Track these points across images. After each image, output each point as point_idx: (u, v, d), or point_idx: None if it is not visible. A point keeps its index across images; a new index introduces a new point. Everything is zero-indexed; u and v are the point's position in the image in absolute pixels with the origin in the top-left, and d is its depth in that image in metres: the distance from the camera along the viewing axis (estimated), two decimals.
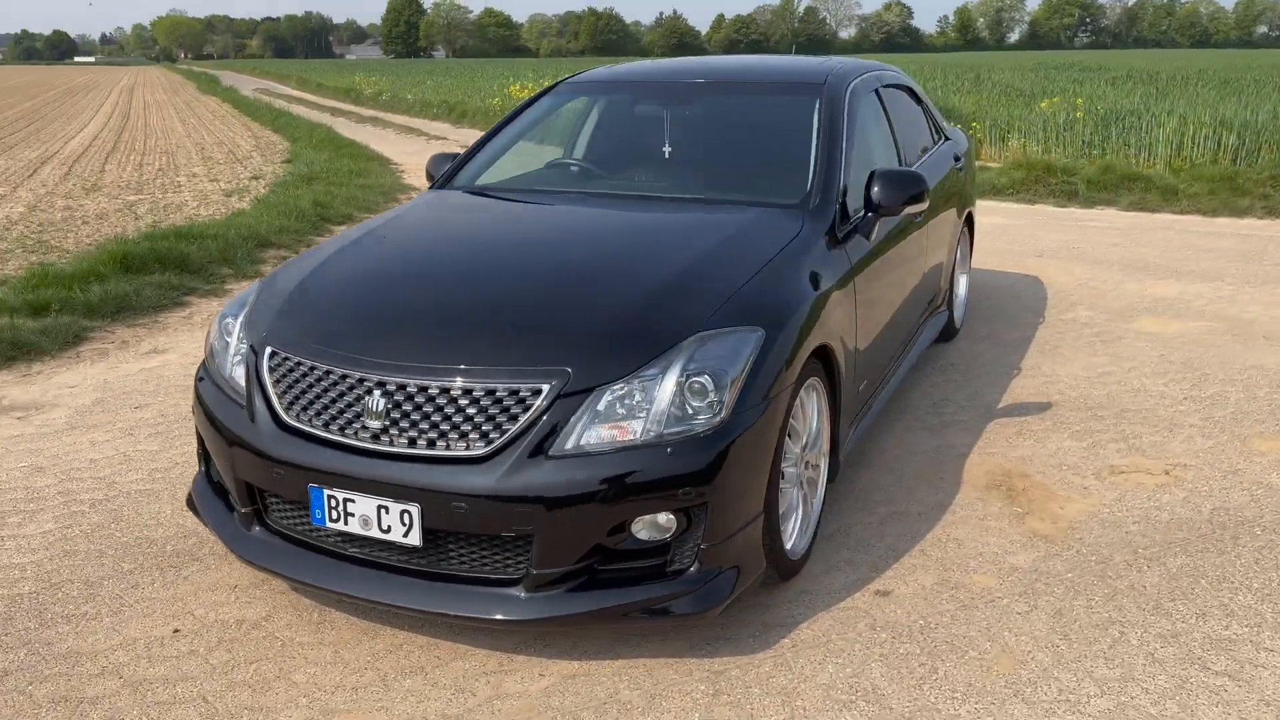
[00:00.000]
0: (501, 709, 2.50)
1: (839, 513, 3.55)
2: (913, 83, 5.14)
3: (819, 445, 3.22)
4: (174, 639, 2.80)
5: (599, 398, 2.55)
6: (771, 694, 2.56)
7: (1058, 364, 5.15)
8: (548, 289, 2.92)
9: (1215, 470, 3.87)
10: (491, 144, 4.23)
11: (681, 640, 2.78)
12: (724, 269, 2.99)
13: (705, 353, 2.64)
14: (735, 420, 2.60)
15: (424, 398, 2.59)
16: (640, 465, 2.50)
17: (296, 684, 2.60)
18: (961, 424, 4.37)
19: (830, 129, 3.75)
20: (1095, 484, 3.76)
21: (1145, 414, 4.45)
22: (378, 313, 2.90)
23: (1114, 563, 3.19)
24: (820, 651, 2.74)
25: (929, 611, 2.93)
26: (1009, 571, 3.15)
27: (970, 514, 3.54)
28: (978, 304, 6.33)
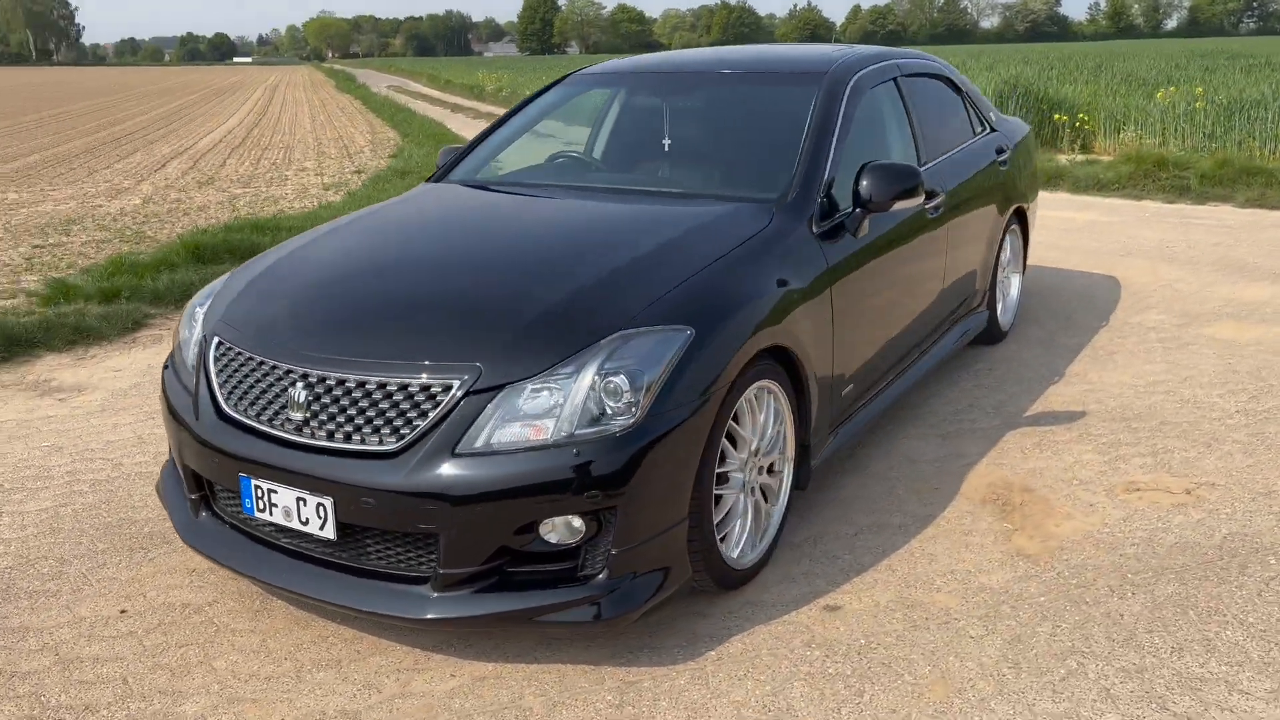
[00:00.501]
0: (400, 707, 2.48)
1: (814, 521, 3.41)
2: (952, 71, 4.89)
3: (778, 451, 3.09)
4: (119, 619, 2.88)
5: (510, 395, 2.50)
6: (678, 708, 2.46)
7: (1107, 371, 4.83)
8: (480, 284, 2.88)
9: (1245, 491, 3.55)
10: (494, 136, 4.22)
11: (604, 647, 2.71)
12: (668, 265, 2.89)
13: (625, 352, 2.56)
14: (653, 422, 2.51)
15: (342, 391, 2.60)
16: (546, 466, 2.44)
17: (215, 670, 2.64)
18: (979, 432, 4.14)
19: (822, 121, 3.59)
20: (1103, 501, 3.50)
21: (1187, 427, 4.12)
22: (313, 305, 2.92)
23: (1095, 587, 2.96)
24: (744, 667, 2.62)
25: (874, 630, 2.77)
26: (976, 591, 2.96)
27: (954, 528, 3.34)
28: (1040, 305, 6.00)
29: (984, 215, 4.69)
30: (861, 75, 3.90)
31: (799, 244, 3.20)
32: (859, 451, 3.96)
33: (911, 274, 3.90)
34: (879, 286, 3.62)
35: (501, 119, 4.32)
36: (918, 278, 3.96)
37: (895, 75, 4.19)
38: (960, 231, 4.38)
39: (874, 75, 4.01)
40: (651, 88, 4.28)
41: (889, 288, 3.70)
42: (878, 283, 3.60)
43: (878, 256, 3.59)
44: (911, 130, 4.16)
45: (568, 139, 4.51)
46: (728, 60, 4.19)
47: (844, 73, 3.84)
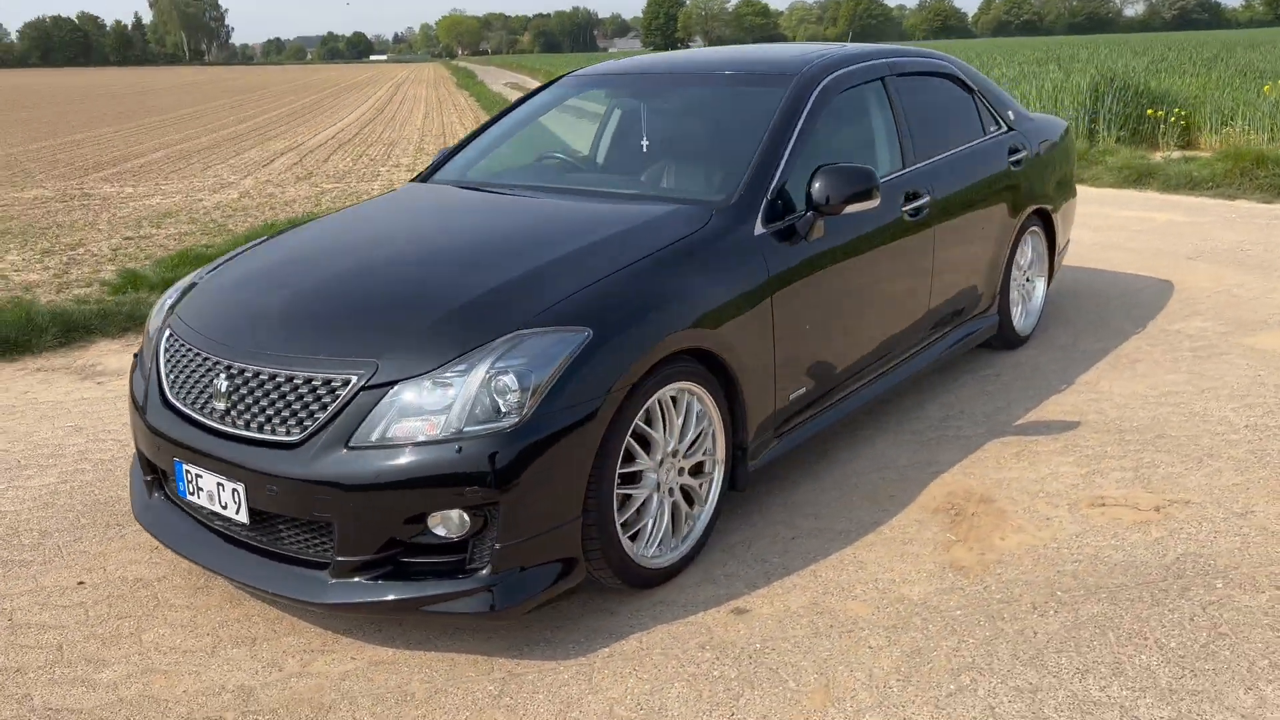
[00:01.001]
0: (293, 686, 2.61)
1: (755, 523, 3.41)
2: (963, 70, 4.76)
3: (704, 453, 3.10)
4: (74, 590, 3.10)
5: (403, 391, 2.60)
6: (553, 702, 2.52)
7: (1121, 380, 4.64)
8: (402, 282, 2.99)
9: (1221, 511, 3.38)
10: (484, 136, 4.32)
11: (505, 638, 2.79)
12: (585, 266, 2.94)
13: (517, 352, 2.62)
14: (540, 422, 2.57)
15: (257, 383, 2.74)
16: (431, 461, 2.53)
17: (141, 642, 2.82)
18: (961, 439, 4.05)
19: (782, 123, 3.58)
20: (1062, 516, 3.39)
21: (1184, 441, 3.94)
22: (247, 301, 3.08)
23: (1018, 603, 2.89)
24: (632, 665, 2.66)
25: (774, 636, 2.77)
26: (892, 602, 2.92)
27: (896, 537, 3.29)
28: (1076, 309, 5.79)
29: (989, 217, 4.56)
30: (836, 77, 3.86)
31: (735, 246, 3.20)
32: (827, 454, 3.93)
33: (886, 276, 3.83)
34: (840, 289, 3.58)
35: (493, 119, 4.42)
36: (894, 280, 3.90)
37: (883, 75, 4.12)
38: (956, 234, 4.28)
39: (853, 76, 3.96)
40: (633, 90, 4.32)
41: (854, 291, 3.66)
42: (838, 285, 3.56)
43: (839, 259, 3.55)
44: (898, 131, 4.09)
45: (577, 136, 4.59)
46: (710, 62, 4.19)
47: (816, 74, 3.81)
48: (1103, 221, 8.31)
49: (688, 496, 3.13)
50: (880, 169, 3.99)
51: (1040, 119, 5.34)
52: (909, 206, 3.94)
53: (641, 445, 2.91)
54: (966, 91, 4.72)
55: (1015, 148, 4.81)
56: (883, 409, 4.38)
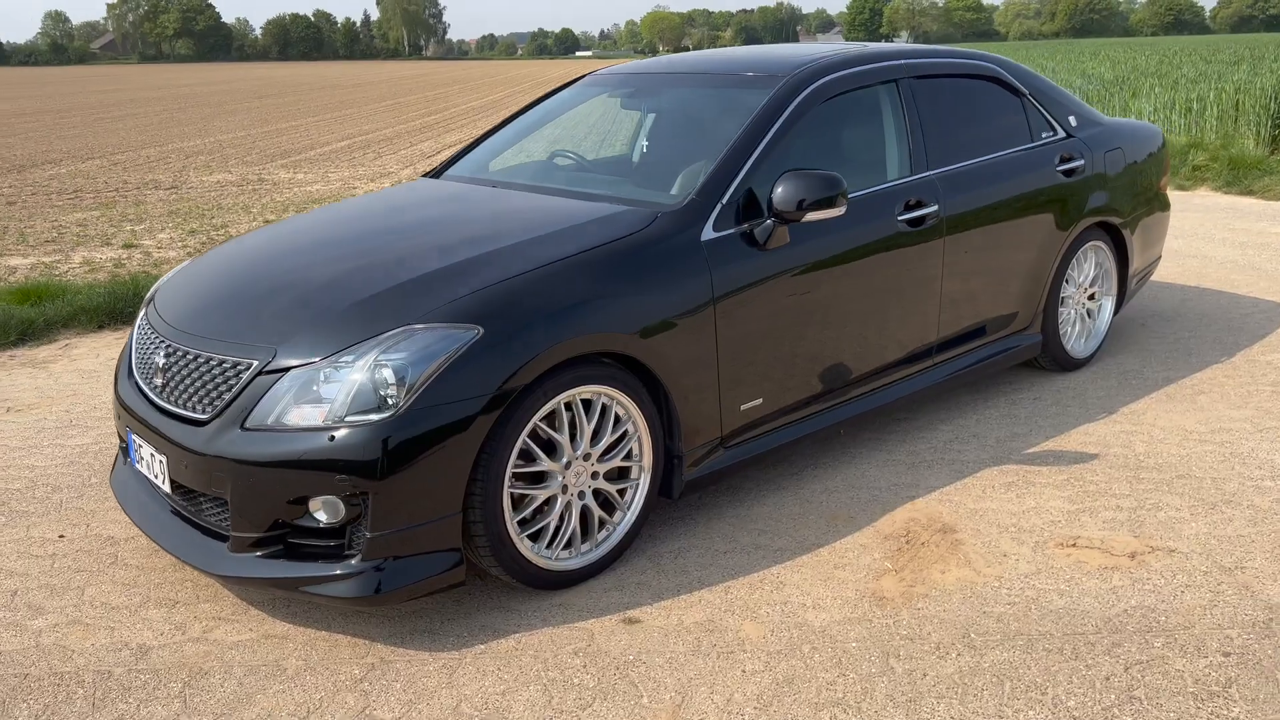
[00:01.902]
0: (184, 650, 2.77)
1: (695, 533, 3.34)
2: (1012, 72, 4.46)
3: (625, 459, 3.07)
4: (53, 543, 3.39)
5: (299, 378, 2.70)
6: (406, 692, 2.57)
7: (1173, 413, 4.25)
8: (333, 273, 3.08)
9: (1206, 563, 3.07)
10: (497, 135, 4.40)
11: (393, 626, 2.86)
12: (501, 264, 2.96)
13: (402, 346, 2.68)
14: (416, 416, 2.62)
15: (184, 362, 2.92)
16: (307, 447, 2.62)
17: (82, 595, 3.06)
18: (958, 464, 3.82)
19: (756, 126, 3.47)
20: (1022, 554, 3.16)
21: (1206, 484, 3.58)
22: (200, 285, 3.27)
23: (922, 642, 2.72)
24: (498, 664, 2.68)
25: (652, 649, 2.72)
26: (792, 626, 2.81)
27: (831, 560, 3.16)
28: (1161, 331, 5.33)
29: (1028, 229, 4.27)
30: (829, 80, 3.71)
31: (674, 250, 3.14)
32: (802, 471, 3.80)
33: (872, 289, 3.66)
34: (811, 300, 3.45)
35: (507, 119, 4.49)
36: (885, 293, 3.71)
37: (897, 78, 3.93)
38: (977, 245, 4.04)
39: (852, 79, 3.79)
40: (637, 92, 4.29)
41: (829, 302, 3.51)
42: (809, 296, 3.43)
43: (810, 269, 3.43)
44: (908, 137, 3.89)
45: (608, 136, 4.60)
46: (714, 63, 4.11)
47: (806, 77, 3.67)
48: (1253, 239, 7.60)
49: (608, 501, 3.10)
50: (881, 176, 3.81)
51: (1118, 126, 4.94)
52: (908, 216, 3.74)
53: (548, 446, 2.91)
54: (1014, 95, 4.42)
55: (1068, 156, 4.48)
56: (888, 427, 4.19)
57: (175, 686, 2.60)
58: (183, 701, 2.54)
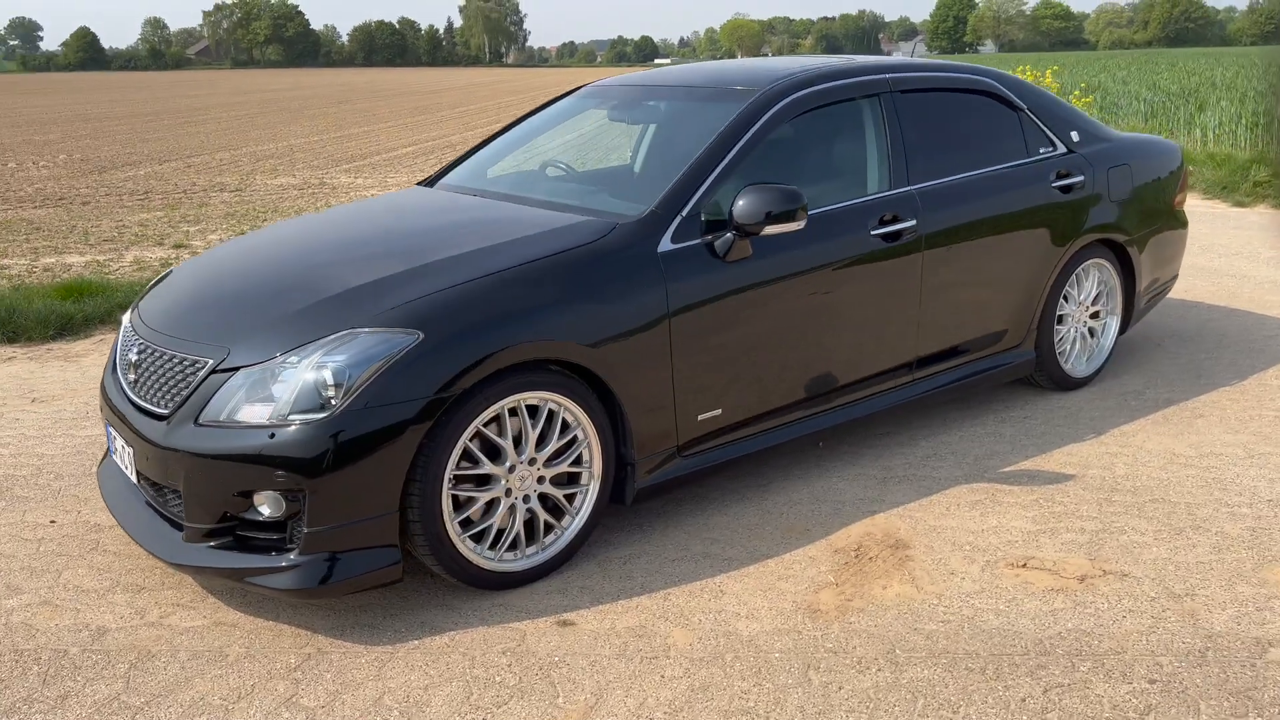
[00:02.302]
0: (139, 634, 2.91)
1: (649, 540, 3.39)
2: (1009, 86, 4.41)
3: (574, 464, 3.14)
4: (44, 527, 3.58)
5: (248, 376, 2.83)
6: (335, 683, 2.67)
7: (1163, 436, 4.17)
8: (287, 279, 3.21)
9: (1156, 589, 3.02)
10: (491, 145, 4.50)
11: (337, 618, 2.96)
12: (451, 271, 3.05)
13: (344, 349, 2.79)
14: (353, 417, 2.72)
15: (152, 359, 3.07)
16: (249, 444, 2.74)
17: (58, 578, 3.23)
18: (928, 480, 3.80)
19: (724, 139, 3.52)
20: (970, 572, 3.14)
21: (1179, 509, 3.52)
22: (178, 289, 3.42)
23: (845, 656, 2.73)
24: (427, 660, 2.76)
25: (579, 651, 2.78)
26: (721, 635, 2.84)
27: (776, 572, 3.18)
28: (1178, 351, 5.22)
29: (1019, 245, 4.23)
30: (805, 94, 3.73)
31: (629, 261, 3.20)
32: (770, 482, 3.82)
33: (841, 303, 3.67)
34: (774, 313, 3.47)
35: (507, 126, 4.59)
36: (855, 308, 3.72)
37: (879, 92, 3.93)
38: (960, 261, 4.02)
39: (832, 93, 3.81)
40: (622, 104, 4.34)
41: (793, 316, 3.53)
42: (772, 309, 3.46)
43: (773, 282, 3.45)
44: (889, 151, 3.88)
45: (599, 148, 4.68)
46: (697, 76, 4.15)
47: (780, 91, 3.70)
48: None
49: (556, 505, 3.17)
50: (857, 191, 3.82)
51: (1128, 142, 4.85)
52: (883, 230, 3.74)
53: (494, 449, 2.99)
54: (1010, 110, 4.38)
55: (1066, 172, 4.42)
56: (867, 441, 4.19)
57: (122, 667, 2.74)
58: (125, 682, 2.68)
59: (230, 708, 2.57)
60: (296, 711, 2.56)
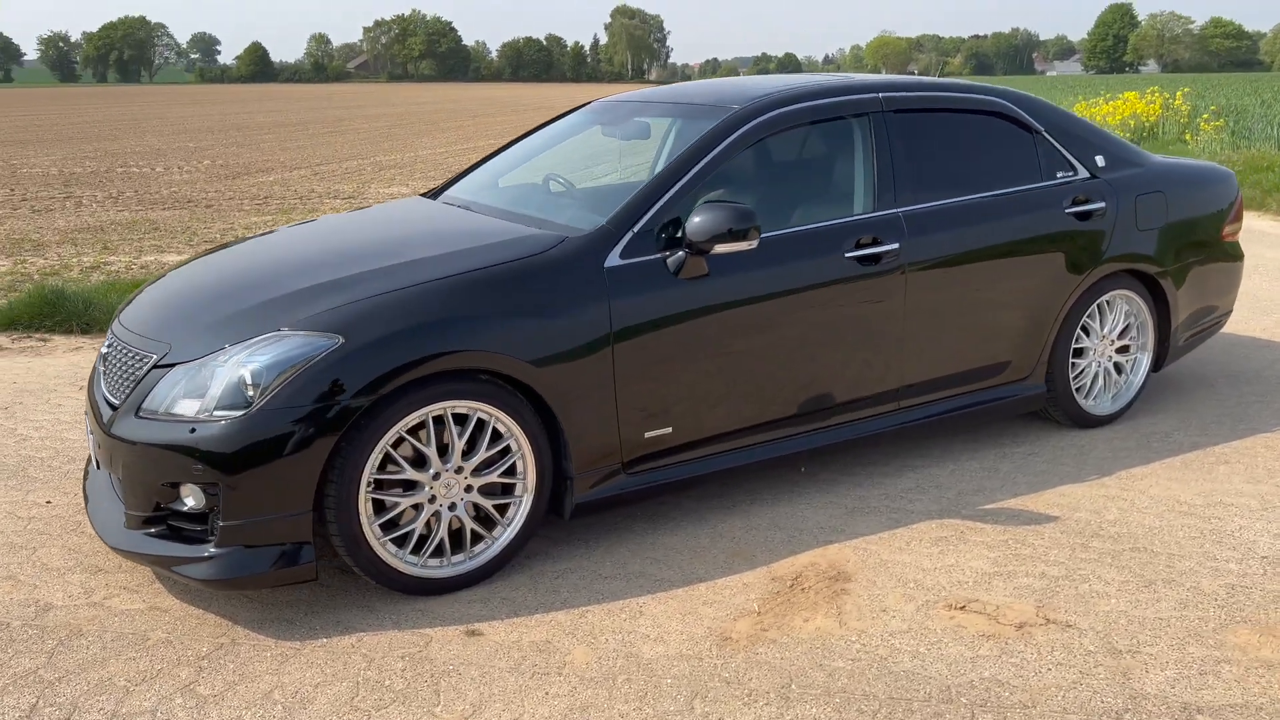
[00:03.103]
0: (78, 614, 3.06)
1: (589, 557, 3.38)
2: (1025, 108, 4.21)
3: (509, 475, 3.15)
4: (40, 507, 3.81)
5: (184, 372, 2.96)
6: (233, 675, 2.75)
7: (1173, 482, 3.91)
8: (247, 282, 3.32)
9: (1095, 643, 2.83)
10: (498, 157, 4.56)
11: (264, 611, 3.05)
12: (385, 279, 3.11)
13: (266, 350, 2.88)
14: (267, 416, 2.80)
15: (116, 353, 3.24)
16: (172, 437, 2.86)
17: (32, 555, 3.43)
18: (898, 513, 3.66)
19: (688, 157, 3.48)
20: (903, 611, 3.01)
21: (1159, 560, 3.29)
22: (154, 291, 3.59)
23: (739, 687, 2.65)
24: (328, 658, 2.82)
25: (475, 661, 2.79)
26: (622, 656, 2.80)
27: (705, 597, 3.12)
28: (1227, 392, 4.88)
29: (1023, 272, 4.03)
30: (781, 113, 3.65)
31: (571, 274, 3.20)
32: (734, 506, 3.75)
33: (815, 324, 3.57)
34: (738, 331, 3.41)
35: (508, 143, 4.65)
36: (831, 329, 3.61)
37: (868, 111, 3.82)
38: (953, 287, 3.86)
39: (812, 112, 3.72)
40: (615, 119, 4.33)
41: (761, 334, 3.46)
42: (734, 327, 3.40)
43: (732, 301, 3.40)
44: (875, 172, 3.77)
45: (598, 162, 4.70)
46: (684, 93, 4.12)
47: (755, 109, 3.63)
48: None
49: (483, 516, 3.19)
50: (834, 211, 3.72)
51: (1165, 168, 4.56)
52: (860, 253, 3.63)
53: (417, 455, 3.03)
54: (1025, 132, 4.19)
55: (1084, 198, 4.19)
56: (850, 469, 4.06)
57: (51, 643, 2.89)
58: (49, 657, 2.83)
59: (131, 689, 2.68)
60: (189, 698, 2.65)
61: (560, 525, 3.59)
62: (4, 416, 4.80)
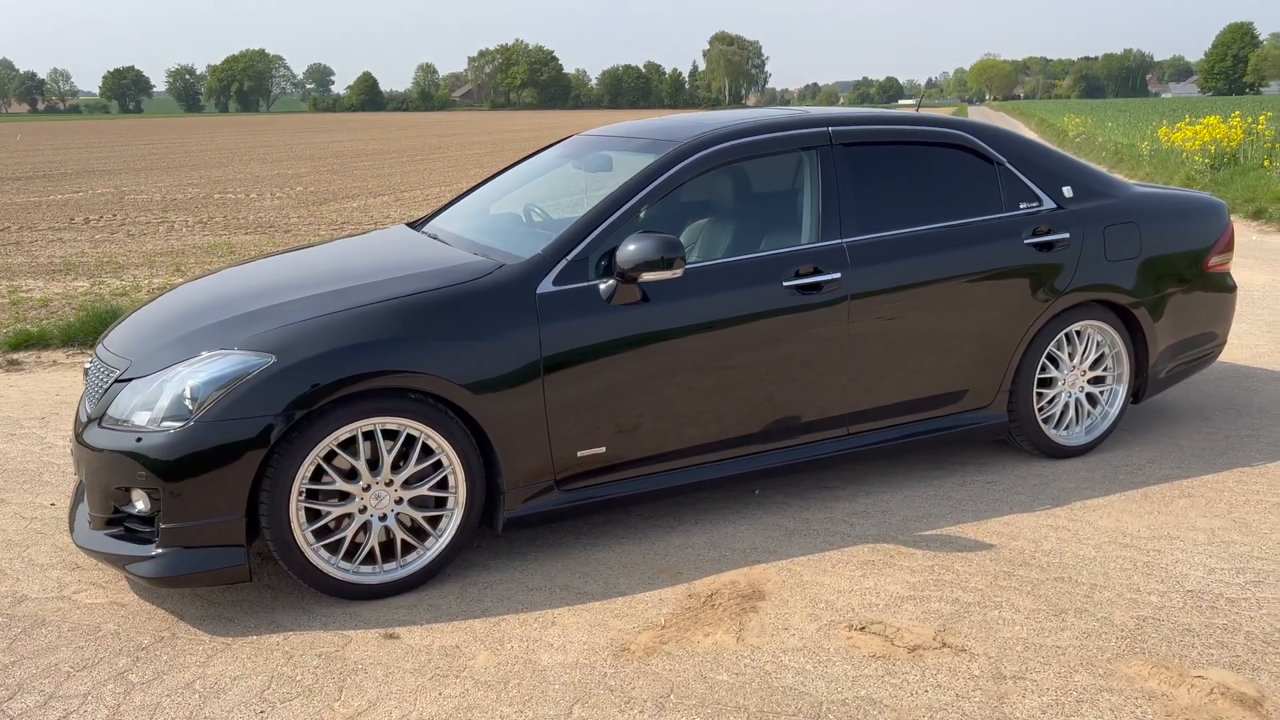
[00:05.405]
0: (46, 605, 3.35)
1: (521, 570, 3.54)
2: (987, 139, 4.25)
3: (441, 488, 3.34)
4: (42, 508, 4.15)
5: (140, 386, 3.23)
6: (163, 665, 2.99)
7: (1126, 515, 3.88)
8: (213, 304, 3.59)
9: (984, 668, 2.87)
10: (484, 188, 4.79)
11: (208, 608, 3.30)
12: (324, 303, 3.34)
13: (207, 367, 3.14)
14: (204, 428, 3.05)
15: (94, 369, 3.55)
16: (121, 445, 3.14)
17: (24, 552, 3.74)
18: (834, 536, 3.73)
19: (629, 188, 3.65)
20: (804, 630, 3.09)
21: (1080, 590, 3.30)
22: (147, 308, 3.89)
23: (619, 695, 2.78)
24: (252, 654, 3.03)
25: (385, 663, 2.97)
26: (510, 660, 2.95)
27: (620, 610, 3.25)
28: (1218, 427, 4.79)
29: (979, 302, 4.07)
30: (725, 147, 3.79)
31: (505, 301, 3.38)
32: (679, 524, 3.87)
33: (750, 351, 3.68)
34: (672, 357, 3.54)
35: (490, 176, 4.87)
36: (769, 357, 3.71)
37: (816, 145, 3.92)
38: (902, 317, 3.93)
39: (758, 146, 3.85)
40: (581, 152, 4.51)
41: (696, 361, 3.58)
42: (667, 352, 3.53)
43: (670, 326, 3.53)
44: (821, 204, 3.87)
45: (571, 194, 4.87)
46: (645, 128, 4.28)
47: (700, 142, 3.78)
48: None
49: (413, 527, 3.38)
50: (781, 242, 3.83)
51: (1140, 198, 4.52)
52: (799, 282, 3.74)
53: (352, 467, 3.25)
54: (987, 164, 4.23)
55: (1046, 229, 4.20)
56: (808, 493, 4.14)
57: (15, 631, 3.19)
58: (9, 644, 3.12)
59: (73, 674, 2.94)
60: (120, 684, 2.89)
61: (504, 538, 3.77)
62: (38, 425, 5.21)
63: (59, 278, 9.94)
